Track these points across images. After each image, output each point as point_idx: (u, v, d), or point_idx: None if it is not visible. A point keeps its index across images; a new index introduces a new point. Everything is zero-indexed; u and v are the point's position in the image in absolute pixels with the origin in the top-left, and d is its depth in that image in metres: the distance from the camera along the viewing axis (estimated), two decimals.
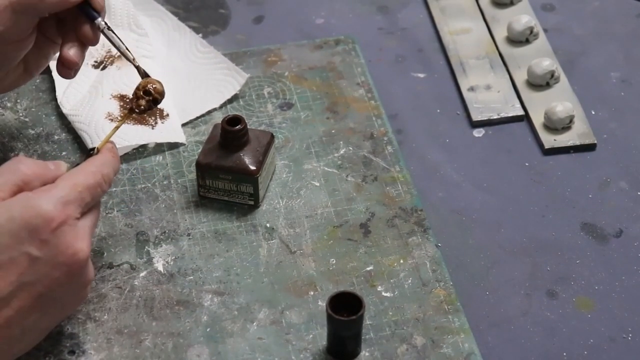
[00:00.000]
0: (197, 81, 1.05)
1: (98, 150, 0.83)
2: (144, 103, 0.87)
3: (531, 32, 1.10)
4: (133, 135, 0.98)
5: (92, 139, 0.98)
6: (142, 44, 1.06)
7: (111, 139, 0.85)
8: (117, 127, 0.86)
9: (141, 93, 0.87)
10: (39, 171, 0.79)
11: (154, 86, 0.87)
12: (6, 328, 0.75)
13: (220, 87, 1.04)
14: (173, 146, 1.00)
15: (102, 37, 0.91)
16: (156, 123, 1.00)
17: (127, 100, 1.01)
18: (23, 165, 0.79)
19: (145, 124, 0.99)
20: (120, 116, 0.90)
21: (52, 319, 0.80)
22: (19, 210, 0.75)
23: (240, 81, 1.04)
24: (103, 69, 1.04)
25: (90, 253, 0.78)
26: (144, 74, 0.88)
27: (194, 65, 1.06)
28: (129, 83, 1.02)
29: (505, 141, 1.02)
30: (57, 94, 1.03)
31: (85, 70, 1.04)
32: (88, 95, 1.02)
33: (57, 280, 0.77)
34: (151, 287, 0.89)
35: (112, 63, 1.04)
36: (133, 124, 0.99)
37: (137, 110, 0.87)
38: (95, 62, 1.05)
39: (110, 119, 0.99)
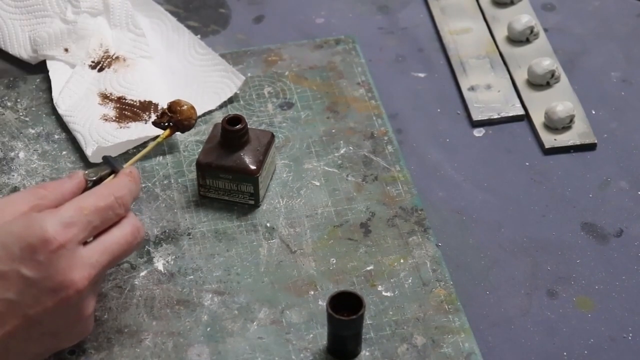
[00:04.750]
0: (194, 82, 1.05)
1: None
2: (165, 119, 0.88)
3: (531, 31, 1.10)
4: (126, 131, 0.98)
5: (86, 140, 0.98)
6: (139, 44, 1.06)
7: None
8: (148, 149, 0.88)
9: (166, 110, 0.88)
10: (54, 185, 0.79)
11: (180, 106, 0.88)
12: None
13: (217, 88, 1.04)
14: (173, 146, 1.00)
15: (100, 28, 0.92)
16: (150, 117, 1.00)
17: (122, 101, 1.01)
18: (41, 186, 0.79)
19: (139, 120, 0.99)
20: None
21: (43, 347, 0.78)
22: (19, 227, 0.74)
23: (237, 83, 1.04)
24: (100, 70, 1.04)
25: (88, 286, 0.76)
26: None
27: (191, 67, 1.06)
28: (125, 84, 1.02)
29: (505, 141, 1.02)
30: (53, 94, 1.03)
31: (82, 71, 1.04)
32: (84, 97, 1.02)
33: (46, 308, 0.75)
34: (151, 286, 0.89)
35: (109, 65, 1.04)
36: (128, 122, 0.99)
37: (155, 124, 0.89)
38: (93, 62, 1.05)
39: (105, 120, 0.99)
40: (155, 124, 0.89)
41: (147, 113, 1.00)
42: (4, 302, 0.74)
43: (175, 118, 0.88)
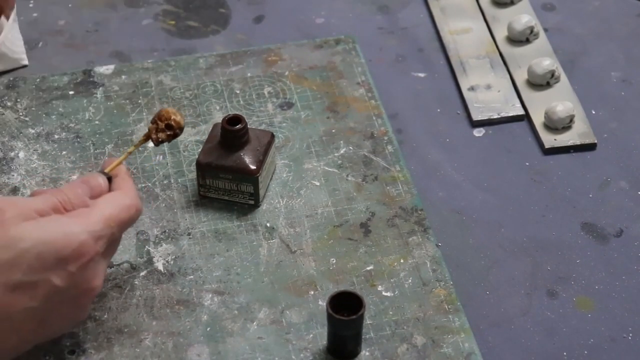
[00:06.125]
0: None
1: (109, 176, 0.83)
2: (164, 137, 0.86)
3: (531, 31, 1.10)
4: None
5: None
6: None
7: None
8: (129, 153, 0.86)
9: (162, 126, 0.86)
10: (77, 196, 0.80)
11: (175, 119, 0.86)
12: None
13: None
14: (173, 146, 1.00)
15: None
16: None
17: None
18: (65, 188, 0.80)
19: None
20: (134, 144, 0.88)
21: (35, 340, 0.79)
22: (54, 235, 0.75)
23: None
24: None
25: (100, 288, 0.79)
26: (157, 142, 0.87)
27: None
28: None
29: (505, 141, 1.02)
30: None
31: None
32: None
33: (61, 313, 0.77)
34: (151, 286, 0.89)
35: None
36: None
37: (154, 143, 0.87)
38: None
39: None
40: (149, 137, 0.87)
41: None
42: (28, 311, 0.75)
43: (174, 133, 0.87)
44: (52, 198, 0.78)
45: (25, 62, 1.08)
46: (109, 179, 0.83)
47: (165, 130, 0.86)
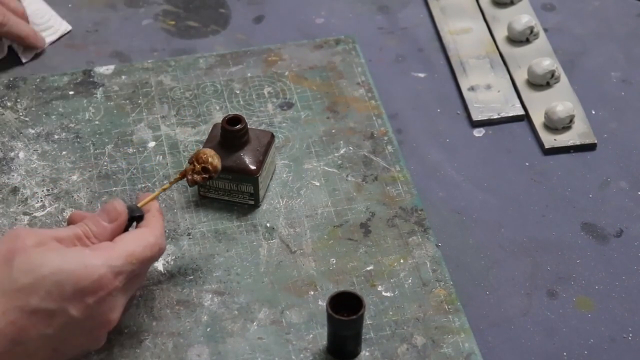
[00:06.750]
0: None
1: (142, 213, 0.83)
2: (200, 179, 0.86)
3: (531, 31, 1.10)
4: None
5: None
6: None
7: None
8: (163, 189, 0.87)
9: (199, 168, 0.86)
10: (97, 223, 0.81)
11: (212, 163, 0.86)
12: None
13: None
14: (173, 146, 1.00)
15: None
16: None
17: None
18: (87, 218, 0.81)
19: None
20: (170, 181, 0.89)
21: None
22: (74, 266, 0.75)
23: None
24: None
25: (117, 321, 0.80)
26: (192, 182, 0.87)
27: None
28: None
29: (505, 141, 1.02)
30: None
31: None
32: None
33: (76, 343, 0.78)
34: (151, 286, 0.89)
35: None
36: None
37: (189, 184, 0.87)
38: None
39: None
40: (185, 177, 0.87)
41: None
42: (43, 338, 0.75)
43: (209, 176, 0.87)
44: (75, 228, 0.79)
45: (66, 28, 1.13)
46: (142, 216, 0.83)
47: (202, 173, 0.86)
